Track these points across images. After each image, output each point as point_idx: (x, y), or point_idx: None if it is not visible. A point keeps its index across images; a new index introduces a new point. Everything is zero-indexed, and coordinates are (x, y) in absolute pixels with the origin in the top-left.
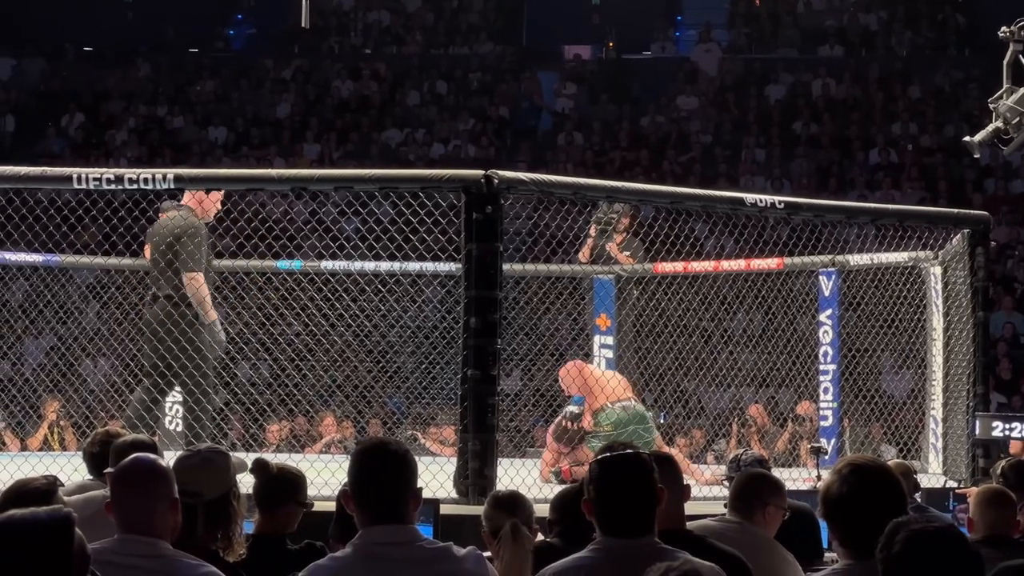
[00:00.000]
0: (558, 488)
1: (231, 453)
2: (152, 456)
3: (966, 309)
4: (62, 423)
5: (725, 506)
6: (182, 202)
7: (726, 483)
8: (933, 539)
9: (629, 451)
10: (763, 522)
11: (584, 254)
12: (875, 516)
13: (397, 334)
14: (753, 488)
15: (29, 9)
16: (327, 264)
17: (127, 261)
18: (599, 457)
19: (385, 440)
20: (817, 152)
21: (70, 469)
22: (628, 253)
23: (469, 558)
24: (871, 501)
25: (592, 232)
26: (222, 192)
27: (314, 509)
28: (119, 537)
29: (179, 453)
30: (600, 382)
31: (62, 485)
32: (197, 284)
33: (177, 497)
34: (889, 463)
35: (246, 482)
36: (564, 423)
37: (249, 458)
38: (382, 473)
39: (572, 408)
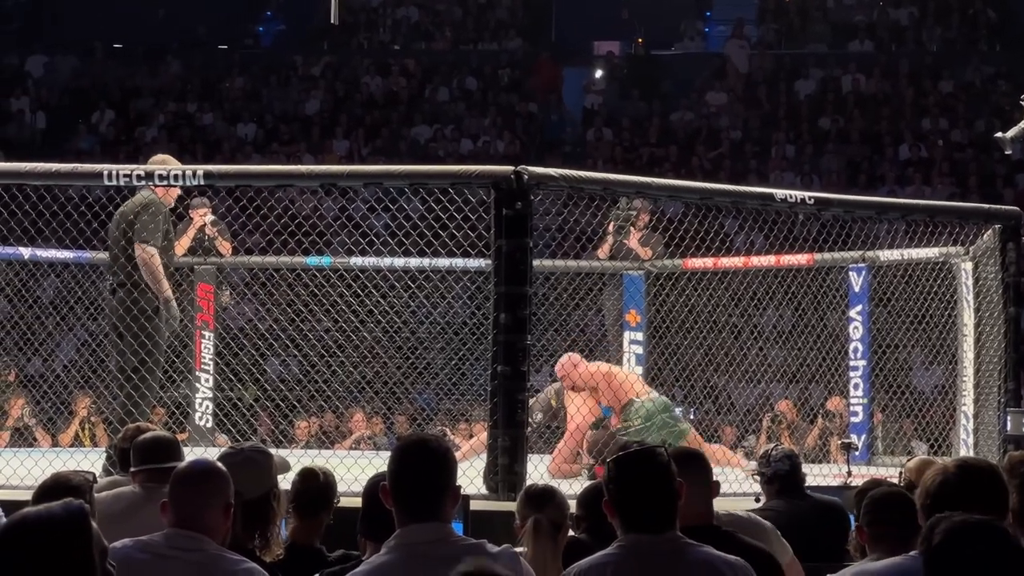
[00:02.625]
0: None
1: (274, 452)
2: (211, 460)
3: (997, 304)
4: (92, 419)
5: (756, 500)
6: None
7: (756, 478)
8: (973, 532)
9: (644, 447)
10: None
11: (603, 251)
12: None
13: (427, 330)
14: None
15: (60, 7)
16: (357, 260)
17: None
18: (615, 456)
19: (426, 437)
20: (847, 147)
21: (101, 465)
22: (647, 248)
23: (503, 556)
24: (972, 498)
25: (610, 229)
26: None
27: (344, 506)
28: (168, 531)
29: (222, 450)
30: (619, 378)
31: (96, 482)
32: (148, 256)
33: (232, 502)
34: (916, 459)
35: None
36: (595, 435)
37: (279, 454)
38: (422, 470)
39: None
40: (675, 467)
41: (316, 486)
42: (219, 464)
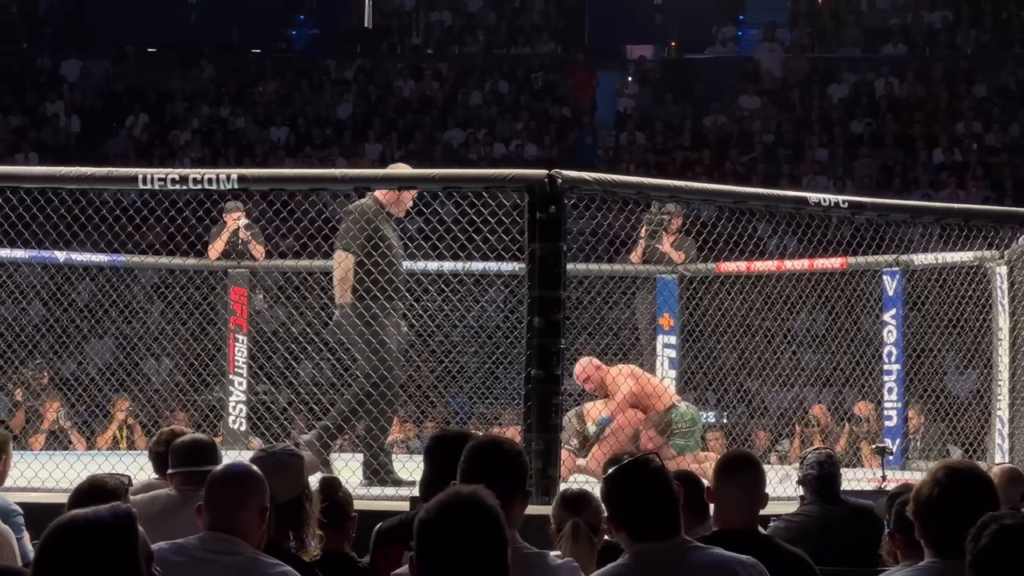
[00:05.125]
0: None
1: (304, 455)
2: (247, 463)
3: None
4: (129, 422)
5: (802, 499)
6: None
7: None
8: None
9: (636, 457)
10: None
11: (636, 256)
12: (967, 519)
13: (460, 334)
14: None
15: (95, 11)
16: None
17: (191, 261)
18: (609, 472)
19: (500, 439)
20: (880, 151)
21: (136, 468)
22: (680, 252)
23: (564, 569)
24: (964, 504)
25: (643, 233)
26: (414, 192)
27: (379, 509)
28: (203, 534)
29: (253, 453)
30: (653, 382)
31: (131, 485)
32: (345, 264)
33: (267, 506)
34: (999, 468)
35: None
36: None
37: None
38: (492, 471)
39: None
40: (725, 469)
41: (339, 496)
42: (254, 467)
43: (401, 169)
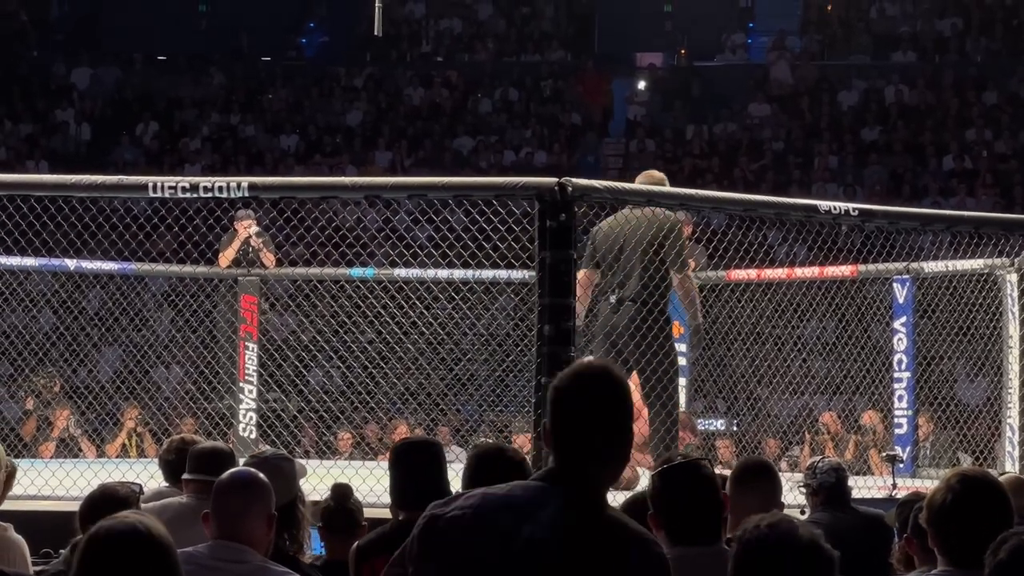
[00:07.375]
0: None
1: (294, 459)
2: (254, 470)
3: None
4: (139, 430)
5: (802, 512)
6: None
7: (802, 490)
8: None
9: (688, 460)
10: None
11: None
12: (980, 528)
13: (470, 342)
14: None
15: (105, 18)
16: (400, 272)
17: (201, 269)
18: (660, 469)
19: (503, 446)
20: (890, 159)
21: (146, 476)
22: (690, 260)
23: None
24: (977, 512)
25: None
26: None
27: (381, 516)
28: (211, 543)
29: (245, 460)
30: None
31: (143, 493)
32: (689, 284)
33: (275, 513)
34: (1004, 477)
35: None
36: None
37: (324, 466)
38: (496, 479)
39: None
40: (742, 477)
41: (350, 503)
42: (259, 475)
43: (653, 178)
